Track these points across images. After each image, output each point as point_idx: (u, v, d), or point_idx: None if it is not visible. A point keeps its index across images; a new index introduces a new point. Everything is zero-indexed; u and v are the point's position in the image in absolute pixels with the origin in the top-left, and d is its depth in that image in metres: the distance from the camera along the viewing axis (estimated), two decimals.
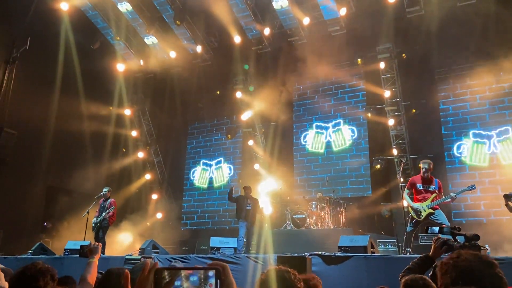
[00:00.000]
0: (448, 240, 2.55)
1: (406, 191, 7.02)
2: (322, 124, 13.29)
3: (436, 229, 2.95)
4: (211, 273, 1.01)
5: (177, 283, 0.98)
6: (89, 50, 13.06)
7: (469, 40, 10.52)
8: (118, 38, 13.37)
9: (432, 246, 2.56)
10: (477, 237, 2.34)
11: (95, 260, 2.86)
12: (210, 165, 14.89)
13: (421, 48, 11.07)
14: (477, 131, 11.16)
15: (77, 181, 12.26)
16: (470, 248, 2.20)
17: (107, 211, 9.27)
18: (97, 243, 3.00)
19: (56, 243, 10.89)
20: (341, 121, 12.97)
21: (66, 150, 12.22)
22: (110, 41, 13.89)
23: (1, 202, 10.49)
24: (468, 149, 11.15)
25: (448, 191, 9.24)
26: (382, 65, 11.51)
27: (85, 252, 2.99)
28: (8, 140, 10.68)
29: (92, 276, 2.73)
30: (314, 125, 13.40)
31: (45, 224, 11.91)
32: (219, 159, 14.72)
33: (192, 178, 15.10)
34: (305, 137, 13.44)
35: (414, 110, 11.65)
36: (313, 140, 13.29)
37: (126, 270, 1.34)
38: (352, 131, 12.76)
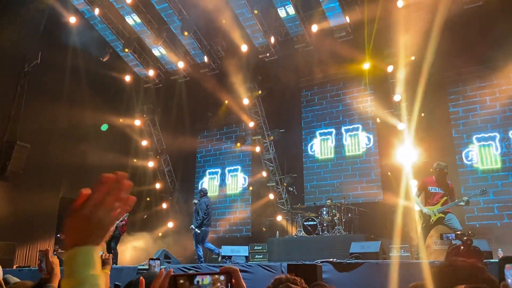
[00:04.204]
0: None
1: (416, 193, 6.94)
2: (327, 130, 13.27)
3: (452, 235, 2.93)
4: (222, 277, 1.04)
5: None
6: (99, 62, 13.27)
7: (478, 42, 10.46)
8: (127, 50, 13.56)
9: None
10: None
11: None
12: (220, 173, 14.93)
13: (429, 51, 11.02)
14: (479, 135, 11.07)
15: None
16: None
17: (120, 219, 9.38)
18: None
19: None
20: (350, 126, 12.94)
21: (78, 161, 12.36)
22: (119, 53, 14.10)
23: (15, 214, 10.64)
24: (476, 155, 11.05)
25: (461, 195, 9.15)
26: (389, 69, 11.49)
27: None
28: (21, 153, 10.87)
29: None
30: (317, 132, 13.39)
31: (58, 235, 12.03)
32: (235, 167, 14.72)
33: (202, 186, 15.13)
34: (312, 146, 13.42)
35: (422, 114, 11.57)
36: (320, 147, 13.27)
37: (141, 277, 1.37)
38: (363, 136, 12.72)
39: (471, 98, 11.49)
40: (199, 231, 8.99)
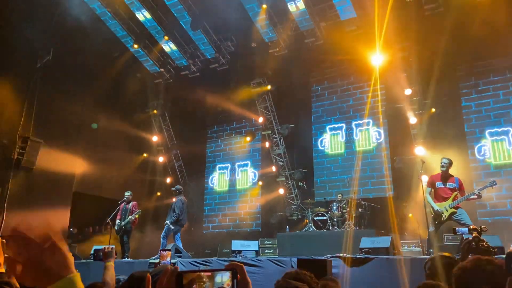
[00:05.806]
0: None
1: (427, 189, 6.93)
2: (337, 125, 13.21)
3: (465, 229, 2.91)
4: (228, 273, 1.05)
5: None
6: (109, 58, 13.35)
7: (491, 35, 10.29)
8: (137, 45, 13.63)
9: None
10: None
11: (112, 263, 2.95)
12: (230, 168, 14.97)
13: (441, 44, 10.88)
14: (492, 130, 10.91)
15: (101, 187, 12.53)
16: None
17: (134, 214, 9.56)
18: (110, 247, 3.07)
19: (82, 248, 11.16)
20: (361, 121, 12.86)
21: (91, 156, 12.49)
22: (130, 49, 14.16)
23: (28, 209, 10.80)
24: (489, 149, 10.91)
25: (473, 190, 9.05)
26: (401, 63, 11.36)
27: (99, 256, 3.05)
28: (34, 148, 11.01)
29: (112, 278, 2.82)
30: (328, 127, 13.33)
31: (71, 229, 12.20)
32: (245, 162, 14.75)
33: (212, 181, 15.21)
34: (322, 142, 13.37)
35: (433, 110, 11.41)
36: (330, 142, 13.22)
37: (148, 274, 1.38)
38: (374, 131, 12.64)
39: (483, 92, 11.33)
40: (173, 227, 9.26)
